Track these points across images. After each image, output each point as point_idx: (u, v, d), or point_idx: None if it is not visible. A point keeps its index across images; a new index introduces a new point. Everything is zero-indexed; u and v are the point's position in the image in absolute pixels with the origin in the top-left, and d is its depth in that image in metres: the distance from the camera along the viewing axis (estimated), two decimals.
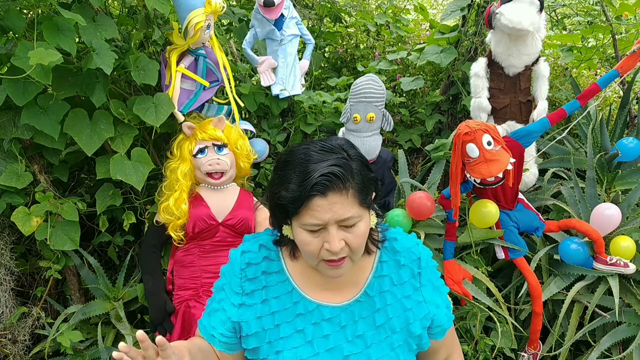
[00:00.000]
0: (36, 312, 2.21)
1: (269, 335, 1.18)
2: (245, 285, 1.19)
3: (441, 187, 2.53)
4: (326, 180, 1.03)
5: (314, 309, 1.18)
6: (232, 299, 1.20)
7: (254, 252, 1.22)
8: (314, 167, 1.05)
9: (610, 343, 2.05)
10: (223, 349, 1.22)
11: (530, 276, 2.08)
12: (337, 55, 3.43)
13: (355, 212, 1.08)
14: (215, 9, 2.01)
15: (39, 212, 1.97)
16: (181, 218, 2.04)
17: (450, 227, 2.11)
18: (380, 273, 1.22)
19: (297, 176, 1.06)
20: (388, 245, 1.25)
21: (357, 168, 1.09)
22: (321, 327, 1.18)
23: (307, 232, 1.09)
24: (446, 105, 2.91)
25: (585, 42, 3.40)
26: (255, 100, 2.53)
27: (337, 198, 1.05)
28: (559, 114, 2.07)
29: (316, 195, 1.04)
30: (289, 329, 1.18)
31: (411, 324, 1.20)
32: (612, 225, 2.13)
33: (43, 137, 1.91)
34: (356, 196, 1.07)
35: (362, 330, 1.18)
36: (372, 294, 1.20)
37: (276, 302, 1.19)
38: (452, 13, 2.73)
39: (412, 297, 1.21)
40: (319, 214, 1.05)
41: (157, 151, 2.36)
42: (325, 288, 1.21)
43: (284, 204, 1.08)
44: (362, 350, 1.17)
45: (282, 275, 1.21)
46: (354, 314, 1.19)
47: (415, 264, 1.23)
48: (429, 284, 1.24)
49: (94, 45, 1.81)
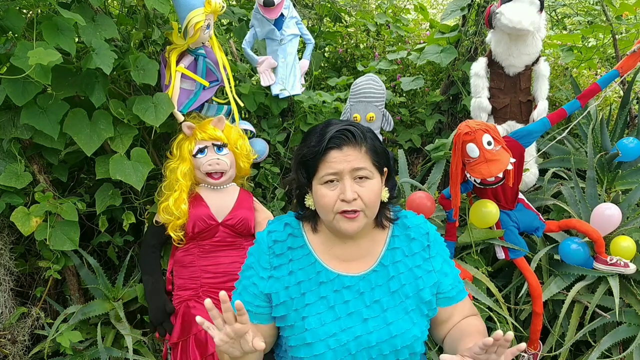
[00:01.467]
0: (36, 313, 2.21)
1: (295, 303, 1.29)
2: (273, 261, 1.32)
3: (441, 187, 2.53)
4: (342, 134, 1.20)
5: (335, 277, 1.30)
6: (261, 274, 1.32)
7: (279, 231, 1.35)
8: (332, 127, 1.22)
9: (610, 343, 2.05)
10: (258, 321, 1.33)
11: (531, 276, 2.08)
12: (337, 55, 3.43)
13: (368, 166, 1.23)
14: (215, 8, 2.01)
15: (38, 212, 1.97)
16: (181, 218, 2.04)
17: (450, 227, 2.11)
18: (393, 245, 1.34)
19: (317, 136, 1.23)
20: (399, 221, 1.38)
21: (370, 136, 1.26)
22: (342, 294, 1.29)
23: (324, 186, 1.23)
24: (446, 105, 2.91)
25: (586, 42, 3.40)
26: (255, 100, 2.52)
27: (351, 151, 1.21)
28: (559, 113, 2.07)
29: (333, 148, 1.21)
30: (313, 296, 1.29)
31: (422, 290, 1.31)
32: (612, 225, 2.13)
33: (42, 137, 1.91)
34: (369, 153, 1.23)
35: (378, 296, 1.30)
36: (386, 264, 1.32)
37: (301, 273, 1.31)
38: (452, 13, 2.73)
39: (422, 266, 1.33)
40: (335, 164, 1.20)
41: (156, 151, 2.36)
42: (344, 259, 1.33)
43: (306, 161, 1.24)
44: (379, 314, 1.29)
45: (306, 249, 1.34)
46: (370, 282, 1.30)
47: (424, 238, 1.36)
48: (438, 256, 1.37)
49: (93, 45, 1.81)
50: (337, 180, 1.22)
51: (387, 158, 1.31)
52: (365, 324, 1.27)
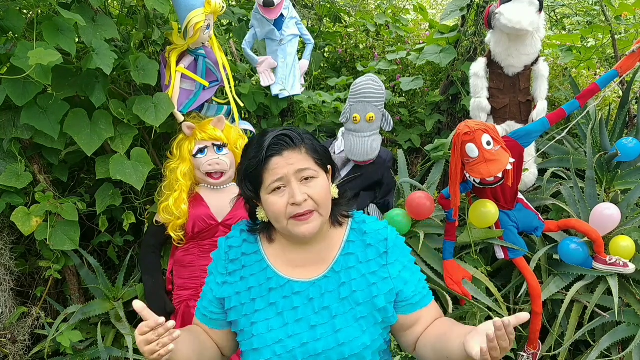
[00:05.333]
0: (36, 312, 2.21)
1: (245, 308, 1.29)
2: (228, 266, 1.33)
3: (441, 187, 2.53)
4: (279, 140, 1.20)
5: (285, 283, 1.29)
6: (217, 279, 1.33)
7: (236, 236, 1.36)
8: (268, 135, 1.22)
9: (609, 343, 2.06)
10: (214, 326, 1.35)
11: (530, 276, 2.08)
12: (337, 55, 3.43)
13: (311, 165, 1.22)
14: (215, 9, 2.01)
15: (38, 212, 1.97)
16: (181, 218, 2.04)
17: (449, 227, 2.11)
18: (347, 251, 1.32)
19: (255, 147, 1.23)
20: (357, 226, 1.35)
21: (308, 137, 1.26)
22: (291, 300, 1.28)
23: (272, 195, 1.22)
24: (446, 105, 2.91)
25: (585, 42, 3.40)
26: (254, 100, 2.53)
27: (292, 154, 1.21)
28: (558, 114, 2.08)
29: (274, 155, 1.20)
30: (263, 302, 1.29)
31: (376, 297, 1.28)
32: (611, 225, 2.13)
33: (43, 137, 1.91)
34: (310, 154, 1.23)
35: (328, 302, 1.28)
36: (338, 270, 1.30)
37: (253, 279, 1.31)
38: (452, 13, 2.73)
39: (377, 273, 1.30)
40: (278, 169, 1.20)
41: (156, 151, 2.36)
42: (297, 265, 1.32)
43: (249, 173, 1.23)
44: (327, 321, 1.27)
45: (259, 256, 1.33)
46: (321, 288, 1.29)
47: (382, 244, 1.33)
48: (397, 263, 1.33)
49: (93, 45, 1.81)
50: (284, 186, 1.21)
51: (328, 156, 1.30)
52: (313, 331, 1.26)
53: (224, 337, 1.36)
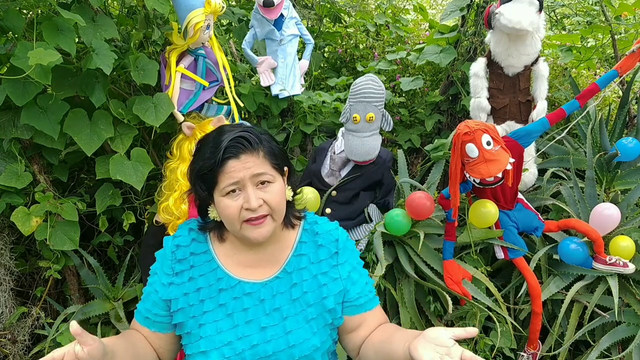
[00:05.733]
0: (36, 312, 2.21)
1: (193, 310, 1.26)
2: (175, 266, 1.29)
3: (440, 187, 2.53)
4: (237, 142, 1.17)
5: (236, 284, 1.27)
6: (162, 280, 1.29)
7: (183, 235, 1.33)
8: (225, 136, 1.18)
9: (609, 343, 2.06)
10: (157, 329, 1.30)
11: (530, 276, 2.08)
12: (337, 56, 3.43)
13: (268, 170, 1.20)
14: (215, 9, 2.01)
15: (38, 212, 1.97)
16: (181, 218, 2.04)
17: (449, 227, 2.11)
18: (299, 252, 1.32)
19: (210, 147, 1.18)
20: (309, 227, 1.36)
21: (266, 138, 1.23)
22: (241, 301, 1.26)
23: (227, 197, 1.19)
24: (445, 105, 2.91)
25: (585, 42, 3.40)
26: (254, 100, 2.53)
27: (249, 158, 1.18)
28: (558, 114, 2.08)
29: (230, 158, 1.16)
30: (212, 303, 1.26)
31: (325, 298, 1.29)
32: (611, 225, 2.13)
33: (43, 137, 1.91)
34: (267, 158, 1.21)
35: (279, 304, 1.27)
36: (290, 271, 1.30)
37: (202, 280, 1.28)
38: (452, 13, 2.73)
39: (328, 273, 1.31)
40: (235, 173, 1.17)
41: (156, 151, 2.36)
42: (248, 266, 1.30)
43: (203, 175, 1.19)
44: (278, 322, 1.26)
45: (209, 255, 1.30)
46: (272, 289, 1.28)
47: (333, 245, 1.33)
48: (347, 264, 1.34)
49: (93, 45, 1.81)
50: (239, 189, 1.18)
51: (285, 158, 1.28)
52: (264, 332, 1.24)
53: (166, 340, 1.31)
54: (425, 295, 2.19)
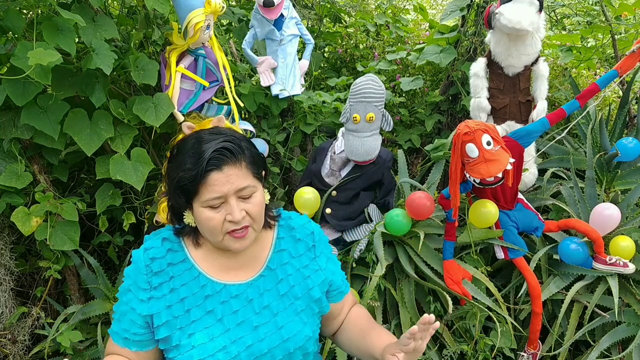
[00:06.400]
0: (36, 312, 2.21)
1: (180, 321, 1.23)
2: (152, 280, 1.25)
3: (440, 187, 2.53)
4: (220, 154, 1.14)
5: (222, 289, 1.26)
6: (139, 296, 1.24)
7: (156, 247, 1.28)
8: (206, 146, 1.15)
9: (609, 343, 2.06)
10: (138, 348, 1.26)
11: (530, 276, 2.08)
12: (337, 56, 3.43)
13: (250, 182, 1.19)
14: (215, 9, 2.01)
15: (38, 212, 1.97)
16: None
17: (449, 227, 2.11)
18: (279, 248, 1.34)
19: (191, 157, 1.15)
20: (284, 223, 1.38)
21: (246, 146, 1.21)
22: (230, 304, 1.25)
23: (208, 209, 1.17)
24: (445, 105, 2.91)
25: (585, 42, 3.40)
26: (254, 100, 2.53)
27: (232, 170, 1.15)
28: (558, 114, 2.08)
29: (213, 170, 1.13)
30: (199, 311, 1.24)
31: (311, 289, 1.32)
32: (611, 225, 2.13)
33: (43, 137, 1.91)
34: (249, 168, 1.19)
35: (268, 301, 1.27)
36: (274, 267, 1.31)
37: (184, 289, 1.25)
38: (452, 13, 2.73)
39: (309, 266, 1.34)
40: (218, 187, 1.14)
41: (156, 151, 2.36)
42: (230, 268, 1.29)
43: (183, 185, 1.16)
44: (269, 319, 1.26)
45: (187, 264, 1.27)
46: (259, 288, 1.28)
47: (310, 238, 1.37)
48: (322, 255, 1.38)
49: (93, 45, 1.81)
50: (222, 202, 1.17)
51: (264, 162, 1.28)
52: (256, 331, 1.24)
53: (149, 357, 1.29)
54: (425, 295, 2.19)
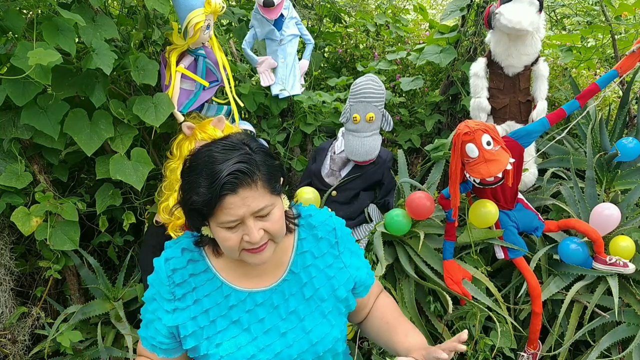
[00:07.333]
0: (36, 312, 2.21)
1: (206, 331, 1.21)
2: (175, 291, 1.23)
3: (440, 187, 2.53)
4: (234, 178, 1.07)
5: (246, 297, 1.23)
6: (164, 307, 1.23)
7: (177, 257, 1.25)
8: (219, 167, 1.08)
9: (609, 343, 2.05)
10: (165, 355, 1.27)
11: (530, 276, 2.08)
12: (337, 56, 3.43)
13: (267, 202, 1.13)
14: (215, 9, 2.01)
15: (38, 212, 1.97)
16: (181, 218, 2.03)
17: (449, 227, 2.11)
18: (301, 250, 1.29)
19: (204, 179, 1.08)
20: (304, 222, 1.33)
21: (262, 160, 1.13)
22: (255, 312, 1.23)
23: (225, 230, 1.12)
24: (446, 105, 2.91)
25: (585, 42, 3.40)
26: (254, 100, 2.53)
27: (247, 192, 1.09)
28: (558, 114, 2.08)
29: (227, 194, 1.08)
30: (225, 322, 1.22)
31: (337, 290, 1.28)
32: (611, 225, 2.13)
33: (43, 137, 1.91)
34: (265, 186, 1.12)
35: (293, 306, 1.25)
36: (297, 271, 1.27)
37: (207, 300, 1.23)
38: (452, 13, 2.73)
39: (333, 265, 1.30)
40: (234, 210, 1.09)
41: (156, 151, 2.36)
42: (253, 276, 1.26)
43: (197, 208, 1.11)
44: (296, 324, 1.24)
45: (209, 273, 1.25)
46: (284, 293, 1.25)
47: (332, 235, 1.32)
48: (346, 251, 1.34)
49: (93, 45, 1.81)
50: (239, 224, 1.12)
51: (281, 171, 1.20)
52: (284, 337, 1.22)
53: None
54: (425, 295, 2.19)
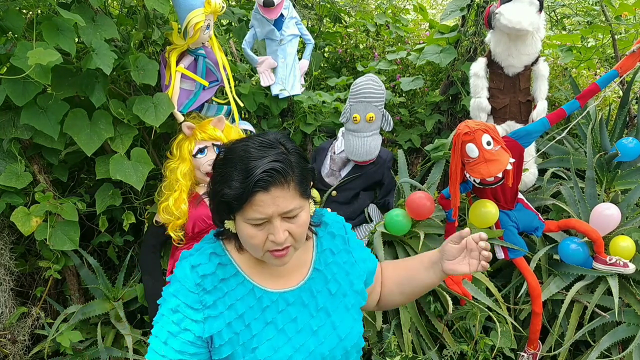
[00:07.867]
0: (36, 312, 2.21)
1: (241, 337, 1.18)
2: (205, 299, 1.18)
3: (441, 187, 2.53)
4: (268, 176, 1.07)
5: (277, 298, 1.23)
6: (192, 317, 1.17)
7: (204, 263, 1.22)
8: (255, 163, 1.07)
9: (609, 343, 2.06)
10: None
11: (530, 276, 2.08)
12: (337, 55, 3.43)
13: (297, 204, 1.12)
14: (215, 9, 2.01)
15: (38, 212, 1.97)
16: (181, 218, 2.04)
17: (449, 227, 2.11)
18: (322, 248, 1.32)
19: (238, 173, 1.08)
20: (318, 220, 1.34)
21: (296, 161, 1.13)
22: (288, 312, 1.23)
23: (251, 226, 1.12)
24: (446, 105, 2.91)
25: (585, 42, 3.40)
26: (254, 100, 2.53)
27: (279, 192, 1.09)
28: (558, 114, 2.08)
29: (259, 191, 1.07)
30: (259, 324, 1.20)
31: (354, 284, 1.31)
32: (611, 225, 2.13)
33: (42, 137, 1.91)
34: (297, 188, 1.12)
35: (322, 303, 1.26)
36: (321, 268, 1.29)
37: (241, 304, 1.20)
38: (452, 13, 2.73)
39: (348, 261, 1.33)
40: (263, 208, 1.08)
41: (156, 151, 2.36)
42: (279, 276, 1.26)
43: (227, 201, 1.10)
44: (325, 321, 1.24)
45: (239, 277, 1.23)
46: (311, 290, 1.26)
47: (342, 231, 1.36)
48: (355, 244, 1.37)
49: (93, 45, 1.81)
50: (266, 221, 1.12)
51: (312, 175, 1.20)
52: (316, 335, 1.22)
53: None
54: (425, 295, 2.19)
